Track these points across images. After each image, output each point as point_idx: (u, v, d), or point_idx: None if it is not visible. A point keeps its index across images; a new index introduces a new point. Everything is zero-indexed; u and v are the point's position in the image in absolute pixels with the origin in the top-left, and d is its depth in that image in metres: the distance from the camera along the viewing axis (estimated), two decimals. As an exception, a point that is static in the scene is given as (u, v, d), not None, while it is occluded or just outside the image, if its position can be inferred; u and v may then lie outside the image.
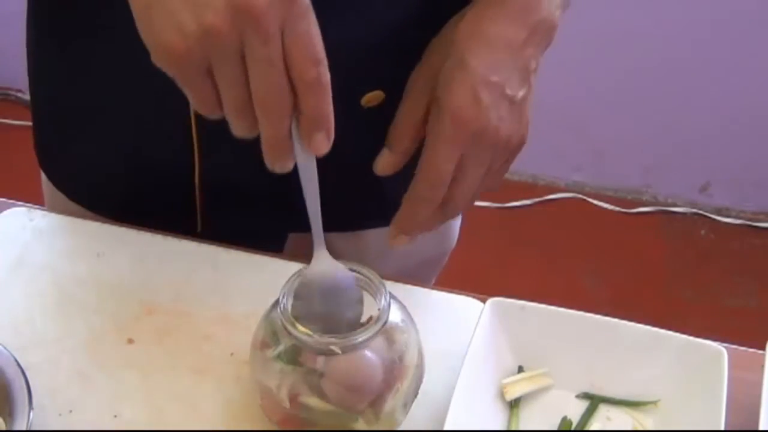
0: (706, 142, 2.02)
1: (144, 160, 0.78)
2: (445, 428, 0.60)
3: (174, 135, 0.75)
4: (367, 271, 0.62)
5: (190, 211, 0.80)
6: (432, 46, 0.68)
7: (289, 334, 0.60)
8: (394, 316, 0.62)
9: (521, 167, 2.12)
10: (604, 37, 1.90)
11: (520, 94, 0.65)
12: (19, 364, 0.63)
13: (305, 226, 0.60)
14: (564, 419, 0.67)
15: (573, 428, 0.66)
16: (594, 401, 0.67)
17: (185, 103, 0.57)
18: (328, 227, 0.61)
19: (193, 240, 0.78)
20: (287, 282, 0.62)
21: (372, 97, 0.72)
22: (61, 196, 0.84)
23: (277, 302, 0.61)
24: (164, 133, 0.75)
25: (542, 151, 2.11)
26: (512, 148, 0.67)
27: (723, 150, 2.03)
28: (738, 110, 1.97)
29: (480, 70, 0.63)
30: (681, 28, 1.89)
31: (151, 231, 0.78)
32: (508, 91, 0.64)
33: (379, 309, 0.61)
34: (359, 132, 0.68)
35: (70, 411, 0.66)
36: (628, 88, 1.99)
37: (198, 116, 0.73)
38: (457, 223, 0.96)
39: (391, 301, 0.62)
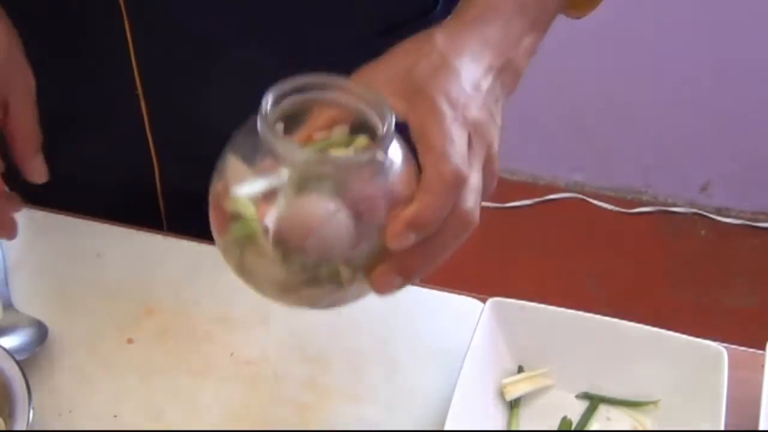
0: (706, 142, 2.02)
1: (104, 170, 0.81)
2: (445, 428, 0.60)
3: (131, 144, 0.77)
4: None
5: (155, 218, 0.82)
6: (396, 51, 0.61)
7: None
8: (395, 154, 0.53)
9: (521, 167, 2.12)
10: (604, 37, 1.90)
11: (498, 119, 0.59)
12: (19, 364, 0.63)
13: None
14: (564, 419, 0.67)
15: (573, 428, 0.66)
16: (594, 401, 0.67)
17: (140, 113, 0.58)
18: None
19: (193, 240, 0.78)
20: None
21: None
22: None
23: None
24: (121, 143, 0.78)
25: (542, 151, 2.12)
26: (494, 165, 0.58)
27: (723, 150, 2.03)
28: (738, 110, 1.97)
29: (465, 72, 0.58)
30: (681, 28, 1.89)
31: (151, 231, 0.78)
32: (490, 106, 0.59)
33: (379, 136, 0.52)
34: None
35: (70, 411, 0.66)
36: (628, 88, 1.99)
37: (154, 125, 0.76)
38: None
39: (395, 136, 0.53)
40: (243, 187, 0.52)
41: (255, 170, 0.52)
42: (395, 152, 0.53)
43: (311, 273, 0.52)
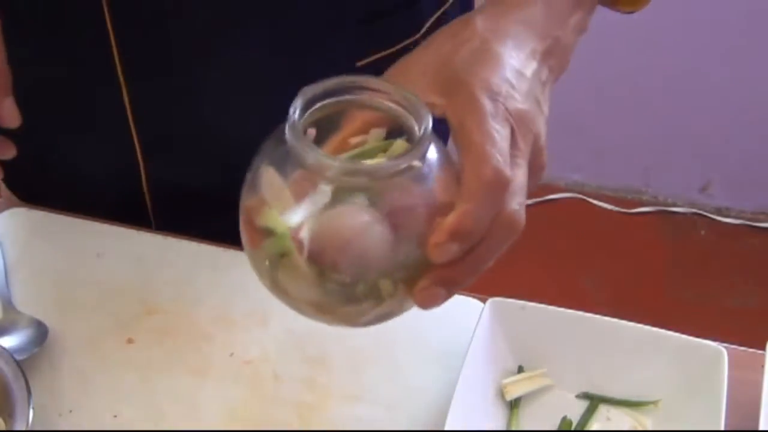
0: (706, 142, 2.02)
1: (89, 165, 0.80)
2: (446, 428, 0.60)
3: (116, 142, 0.76)
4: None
5: (142, 215, 0.82)
6: (434, 38, 0.58)
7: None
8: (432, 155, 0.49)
9: (521, 167, 2.12)
10: (604, 36, 1.90)
11: (545, 110, 0.56)
12: (19, 364, 0.63)
13: None
14: (564, 419, 0.67)
15: (573, 428, 0.66)
16: (594, 401, 0.67)
17: (124, 112, 0.58)
18: None
19: (193, 240, 0.78)
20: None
21: None
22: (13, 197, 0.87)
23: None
24: (106, 141, 0.77)
25: (542, 151, 2.12)
26: (542, 157, 0.56)
27: (723, 150, 2.03)
28: (738, 110, 1.97)
29: (508, 58, 0.54)
30: (681, 28, 1.89)
31: (151, 231, 0.78)
32: (536, 94, 0.55)
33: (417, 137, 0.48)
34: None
35: (70, 411, 0.66)
36: (628, 88, 1.99)
37: (138, 121, 0.75)
38: None
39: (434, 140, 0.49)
40: (275, 202, 0.49)
41: (287, 182, 0.49)
42: (434, 155, 0.50)
43: (349, 290, 0.49)
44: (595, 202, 2.10)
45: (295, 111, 0.48)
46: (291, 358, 0.70)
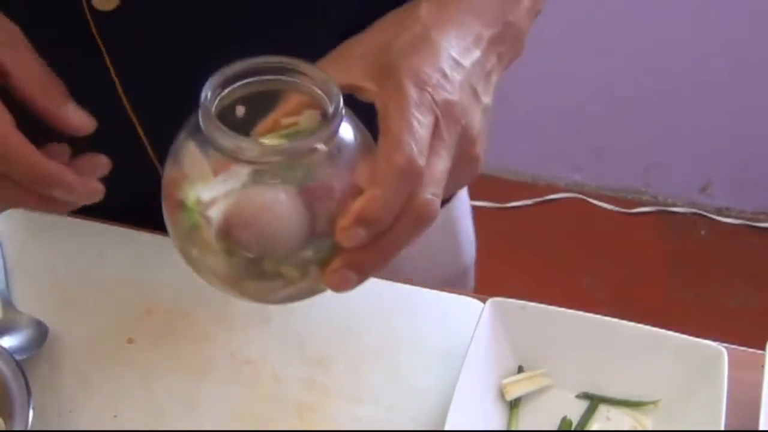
0: (706, 141, 2.02)
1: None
2: (446, 428, 0.60)
3: (131, 152, 0.74)
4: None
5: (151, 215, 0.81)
6: (380, 23, 0.58)
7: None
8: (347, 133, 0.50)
9: (521, 167, 2.12)
10: (604, 36, 1.90)
11: (485, 99, 0.55)
12: (19, 364, 0.63)
13: None
14: (564, 419, 0.67)
15: (573, 428, 0.66)
16: (594, 401, 0.67)
17: (137, 135, 0.57)
18: None
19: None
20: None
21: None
22: None
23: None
24: (122, 153, 0.76)
25: (542, 151, 2.12)
26: (474, 148, 0.55)
27: (723, 150, 2.03)
28: (738, 110, 1.97)
29: (446, 47, 0.54)
30: (681, 27, 1.89)
31: (151, 231, 0.78)
32: (474, 83, 0.54)
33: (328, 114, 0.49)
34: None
35: (70, 411, 0.66)
36: (628, 88, 1.99)
37: (149, 134, 0.73)
38: (469, 228, 0.92)
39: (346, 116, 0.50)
40: (194, 177, 0.50)
41: (207, 158, 0.50)
42: (350, 138, 0.50)
43: (256, 267, 0.50)
44: (595, 202, 2.10)
45: (207, 91, 0.49)
46: (291, 358, 0.70)
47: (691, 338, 0.66)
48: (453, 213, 0.90)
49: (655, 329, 0.67)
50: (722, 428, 0.61)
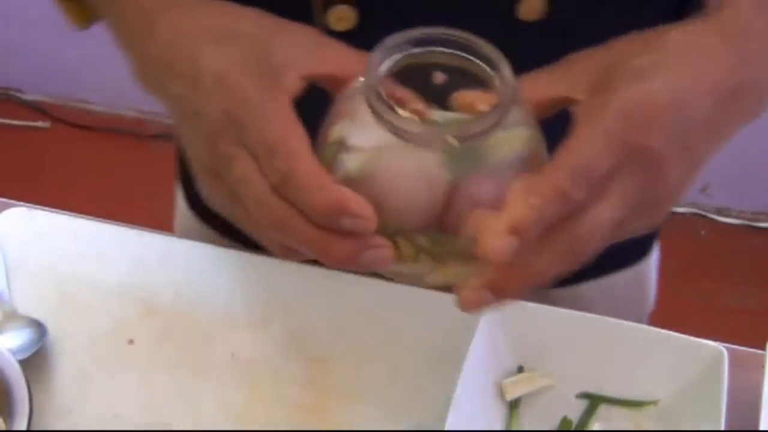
0: (706, 142, 2.02)
1: None
2: (446, 428, 0.60)
3: None
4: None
5: None
6: (627, 38, 0.51)
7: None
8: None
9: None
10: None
11: (697, 158, 0.51)
12: (19, 364, 0.63)
13: None
14: (564, 419, 0.67)
15: (573, 428, 0.66)
16: (594, 401, 0.67)
17: None
18: None
19: (193, 240, 0.78)
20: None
21: (530, 7, 0.59)
22: (197, 225, 0.85)
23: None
24: None
25: (542, 151, 2.12)
26: (657, 209, 0.50)
27: (723, 150, 2.03)
28: (738, 110, 1.96)
29: (675, 91, 0.47)
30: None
31: (151, 231, 0.78)
32: (691, 141, 0.49)
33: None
34: (518, 53, 0.49)
35: (70, 411, 0.66)
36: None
37: None
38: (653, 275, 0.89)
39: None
40: (350, 119, 0.48)
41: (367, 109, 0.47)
42: (525, 143, 0.48)
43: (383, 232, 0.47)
44: (595, 202, 2.10)
45: (375, 63, 0.47)
46: (291, 358, 0.70)
47: (691, 338, 0.66)
48: None
49: (655, 329, 0.67)
50: (722, 428, 0.61)
